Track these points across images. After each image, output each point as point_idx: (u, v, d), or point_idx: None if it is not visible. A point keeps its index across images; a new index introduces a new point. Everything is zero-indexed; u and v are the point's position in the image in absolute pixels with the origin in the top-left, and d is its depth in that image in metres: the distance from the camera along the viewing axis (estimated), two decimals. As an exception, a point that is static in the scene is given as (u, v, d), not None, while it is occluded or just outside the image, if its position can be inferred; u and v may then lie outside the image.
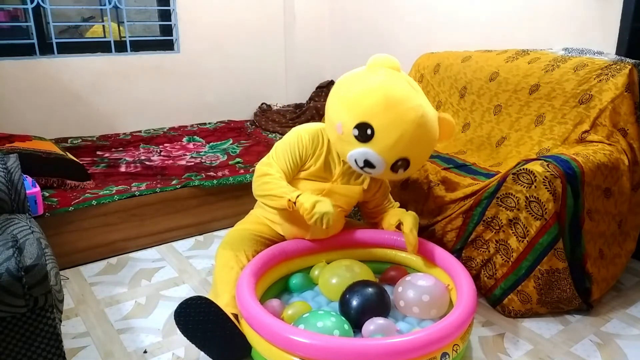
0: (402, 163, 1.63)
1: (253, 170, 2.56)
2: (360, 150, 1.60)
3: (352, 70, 1.72)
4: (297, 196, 1.61)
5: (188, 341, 1.48)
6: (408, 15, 3.11)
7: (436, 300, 1.57)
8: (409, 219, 1.76)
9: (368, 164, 1.63)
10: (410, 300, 1.58)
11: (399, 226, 1.80)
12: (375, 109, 1.55)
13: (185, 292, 1.96)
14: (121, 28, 3.21)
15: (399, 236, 1.85)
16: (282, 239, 1.83)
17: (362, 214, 2.04)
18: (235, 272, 1.62)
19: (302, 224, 1.71)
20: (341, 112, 1.61)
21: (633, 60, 1.95)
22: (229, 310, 1.52)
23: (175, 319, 1.45)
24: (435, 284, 1.61)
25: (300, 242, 1.80)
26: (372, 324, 1.46)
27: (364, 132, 1.56)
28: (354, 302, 1.52)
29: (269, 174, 1.69)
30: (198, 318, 1.44)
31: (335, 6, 3.66)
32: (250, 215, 1.90)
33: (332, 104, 1.68)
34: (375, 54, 1.67)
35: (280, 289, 1.80)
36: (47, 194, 2.18)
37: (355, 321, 1.47)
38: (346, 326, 1.43)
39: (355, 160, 1.64)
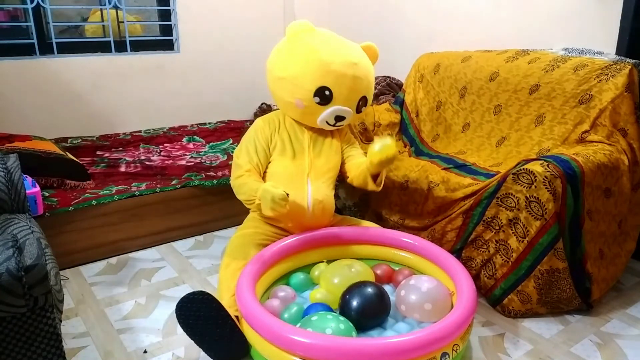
0: (362, 102, 1.81)
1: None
2: (327, 111, 1.75)
3: (276, 47, 1.85)
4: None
5: (188, 341, 1.48)
6: (408, 16, 3.11)
7: (438, 308, 1.54)
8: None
9: (339, 118, 1.79)
10: (412, 307, 1.56)
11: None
12: (321, 71, 1.70)
13: (185, 292, 1.94)
14: (119, 13, 3.20)
15: (399, 236, 1.85)
16: (283, 235, 1.83)
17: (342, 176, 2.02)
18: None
19: (300, 207, 1.78)
20: (293, 90, 1.74)
21: (633, 60, 1.95)
22: (230, 312, 1.51)
23: (176, 313, 1.45)
24: (438, 292, 1.57)
25: (300, 241, 1.80)
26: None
27: (324, 95, 1.72)
28: (354, 303, 1.51)
29: (239, 175, 1.78)
30: (199, 314, 1.45)
31: (335, 6, 3.66)
32: (249, 219, 1.90)
33: (279, 86, 1.79)
34: (290, 23, 1.80)
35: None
36: (47, 194, 2.18)
37: (356, 322, 1.47)
38: (354, 333, 1.43)
39: (327, 121, 1.79)
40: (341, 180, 2.18)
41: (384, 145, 1.66)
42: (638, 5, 2.06)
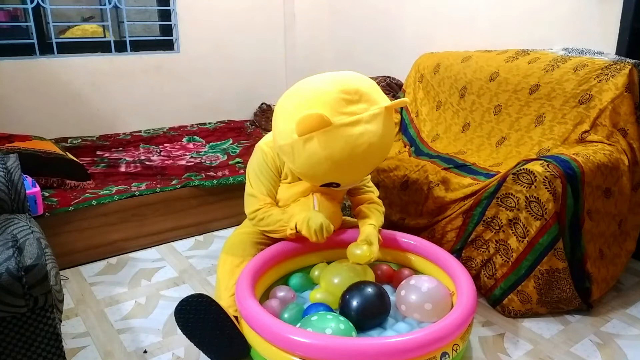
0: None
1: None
2: (336, 189, 1.68)
3: (286, 114, 1.54)
4: (295, 225, 1.66)
5: (188, 341, 1.48)
6: (408, 16, 3.12)
7: (438, 308, 1.54)
8: (366, 232, 1.72)
9: None
10: (412, 307, 1.56)
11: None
12: (329, 175, 1.56)
13: (185, 292, 1.96)
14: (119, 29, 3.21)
15: (399, 236, 1.85)
16: (283, 237, 1.83)
17: (351, 205, 2.00)
18: (237, 278, 1.62)
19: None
20: (300, 176, 1.65)
21: (633, 60, 1.95)
22: (230, 313, 1.51)
23: (175, 316, 1.45)
24: (438, 292, 1.57)
25: (300, 242, 1.80)
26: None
27: (331, 185, 1.62)
28: (354, 303, 1.51)
29: (259, 208, 1.72)
30: (198, 316, 1.45)
31: (335, 6, 3.66)
32: (248, 220, 1.90)
33: (287, 163, 1.63)
34: (299, 118, 1.44)
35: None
36: (47, 194, 2.18)
37: (356, 322, 1.47)
38: (354, 333, 1.43)
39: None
40: None
41: (362, 254, 1.63)
42: (638, 5, 2.06)
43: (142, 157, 2.82)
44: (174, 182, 2.43)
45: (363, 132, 1.47)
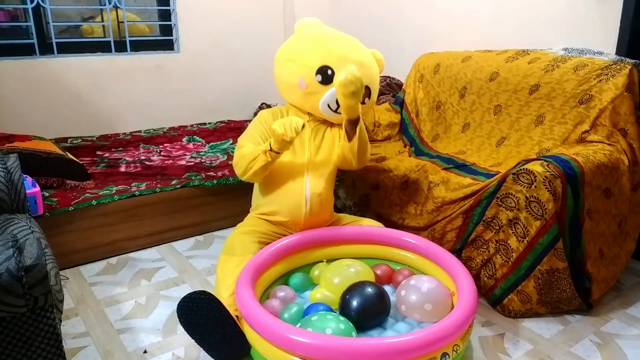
0: (365, 92, 1.78)
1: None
2: (329, 92, 1.78)
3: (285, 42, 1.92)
4: (270, 142, 1.69)
5: (188, 341, 1.48)
6: (408, 15, 3.11)
7: (438, 308, 1.55)
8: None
9: None
10: (412, 307, 1.56)
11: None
12: (324, 51, 1.79)
13: (185, 292, 1.94)
14: (119, 12, 3.21)
15: (400, 235, 1.85)
16: (282, 234, 1.83)
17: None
18: (237, 278, 1.62)
19: (297, 200, 1.78)
20: (297, 70, 1.81)
21: (633, 60, 1.94)
22: (230, 312, 1.51)
23: (177, 312, 1.45)
24: (438, 292, 1.57)
25: (300, 240, 1.80)
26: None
27: (326, 73, 1.77)
28: (354, 303, 1.51)
29: (242, 151, 1.77)
30: (200, 313, 1.45)
31: (335, 6, 3.66)
32: (247, 219, 1.90)
33: (283, 69, 1.88)
34: (299, 20, 1.94)
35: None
36: (47, 194, 2.18)
37: (356, 322, 1.47)
38: (354, 333, 1.43)
39: (329, 105, 1.80)
40: (341, 180, 2.19)
41: (348, 71, 1.63)
42: (638, 5, 2.06)
43: (142, 157, 2.82)
44: (174, 182, 2.43)
45: (351, 37, 1.92)
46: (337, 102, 1.76)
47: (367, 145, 1.83)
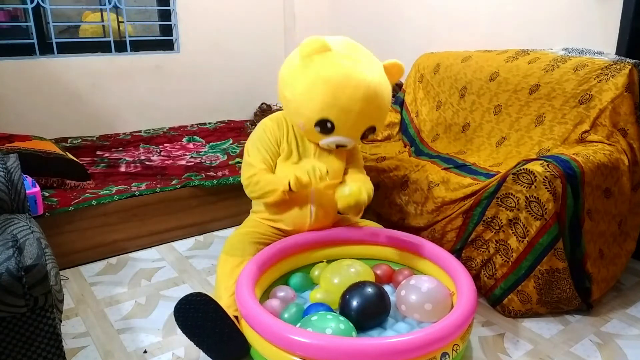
0: (368, 131, 1.73)
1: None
2: (328, 140, 1.70)
3: (289, 59, 1.73)
4: (289, 182, 1.65)
5: (188, 341, 1.48)
6: (408, 15, 3.11)
7: (438, 308, 1.54)
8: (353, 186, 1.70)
9: (340, 145, 1.73)
10: (412, 307, 1.56)
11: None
12: (325, 104, 1.62)
13: (185, 292, 1.95)
14: (119, 17, 3.21)
15: (399, 235, 1.85)
16: (283, 235, 1.83)
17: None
18: (237, 278, 1.62)
19: (302, 212, 1.76)
20: (297, 113, 1.69)
21: (633, 60, 1.94)
22: (230, 312, 1.51)
23: (174, 315, 1.45)
24: (438, 292, 1.57)
25: (300, 240, 1.80)
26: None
27: (325, 126, 1.66)
28: (354, 303, 1.51)
29: (254, 173, 1.73)
30: (197, 315, 1.45)
31: (335, 6, 3.66)
32: (248, 220, 1.90)
33: (285, 103, 1.74)
34: (304, 40, 1.65)
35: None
36: (47, 194, 2.18)
37: (356, 322, 1.47)
38: (354, 333, 1.43)
39: (328, 145, 1.74)
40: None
41: (351, 191, 1.66)
42: (638, 5, 2.06)
43: (142, 157, 2.82)
44: (174, 182, 2.43)
45: (360, 68, 1.63)
46: (336, 145, 1.72)
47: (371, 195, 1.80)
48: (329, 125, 1.64)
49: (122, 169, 2.63)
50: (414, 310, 1.56)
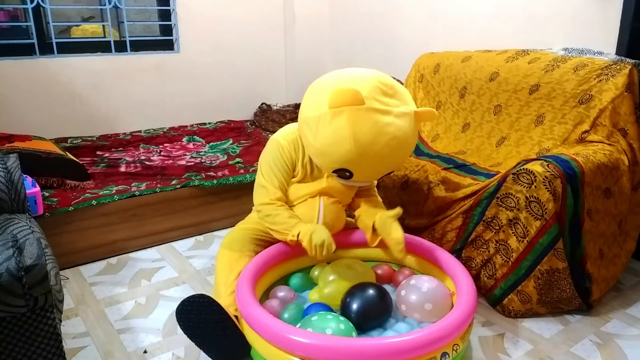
0: (386, 175, 1.69)
1: (253, 171, 2.58)
2: (345, 181, 1.64)
3: (315, 97, 1.55)
4: (298, 233, 1.63)
5: (188, 341, 1.48)
6: (408, 16, 3.11)
7: (438, 308, 1.54)
8: (395, 231, 1.67)
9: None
10: (412, 307, 1.56)
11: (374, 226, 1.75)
12: (348, 160, 1.51)
13: (185, 292, 1.96)
14: (119, 29, 3.21)
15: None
16: (281, 240, 1.82)
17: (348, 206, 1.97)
18: (236, 273, 1.62)
19: (311, 223, 1.72)
20: (316, 156, 1.61)
21: (633, 60, 1.94)
22: (230, 312, 1.51)
23: (176, 316, 1.45)
24: (438, 292, 1.57)
25: (297, 247, 1.79)
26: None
27: (344, 174, 1.58)
28: (355, 305, 1.51)
29: (268, 203, 1.70)
30: (199, 316, 1.45)
31: (335, 6, 3.66)
32: (251, 217, 1.89)
33: (305, 141, 1.61)
34: (335, 89, 1.49)
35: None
36: (47, 194, 2.18)
37: (357, 323, 1.47)
38: (354, 333, 1.43)
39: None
40: None
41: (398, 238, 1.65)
42: (638, 5, 2.06)
43: (142, 157, 2.82)
44: (174, 182, 2.43)
45: (391, 123, 1.49)
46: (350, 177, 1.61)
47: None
48: (347, 174, 1.57)
49: (122, 169, 2.63)
50: (414, 310, 1.56)
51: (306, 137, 1.59)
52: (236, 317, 1.53)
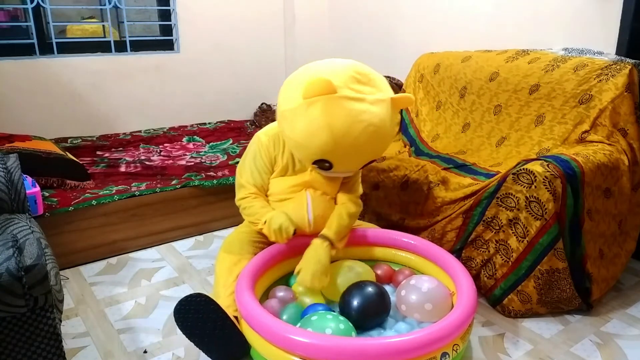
0: (369, 163, 1.67)
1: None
2: (326, 173, 1.65)
3: (289, 91, 1.56)
4: (264, 222, 1.68)
5: (188, 341, 1.48)
6: (408, 15, 3.11)
7: (438, 308, 1.54)
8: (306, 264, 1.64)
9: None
10: (412, 307, 1.56)
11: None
12: (325, 150, 1.52)
13: (185, 292, 1.96)
14: (119, 29, 3.21)
15: (399, 236, 1.85)
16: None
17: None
18: (235, 275, 1.62)
19: (301, 220, 1.73)
20: (294, 148, 1.62)
21: (633, 60, 1.95)
22: (229, 312, 1.51)
23: (174, 316, 1.45)
24: (438, 292, 1.57)
25: (299, 242, 1.79)
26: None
27: (323, 165, 1.58)
28: (355, 303, 1.51)
29: (244, 197, 1.76)
30: (197, 316, 1.45)
31: (335, 7, 3.66)
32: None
33: (284, 134, 1.63)
34: (307, 80, 1.49)
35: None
36: (47, 194, 2.18)
37: (356, 322, 1.47)
38: (353, 333, 1.43)
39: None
40: None
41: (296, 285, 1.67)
42: (638, 5, 2.06)
43: (142, 157, 2.82)
44: (174, 182, 2.43)
45: (365, 110, 1.49)
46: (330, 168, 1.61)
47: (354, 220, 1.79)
48: (327, 164, 1.57)
49: (122, 169, 2.63)
50: (414, 310, 1.56)
51: (284, 131, 1.60)
52: (236, 317, 1.53)
